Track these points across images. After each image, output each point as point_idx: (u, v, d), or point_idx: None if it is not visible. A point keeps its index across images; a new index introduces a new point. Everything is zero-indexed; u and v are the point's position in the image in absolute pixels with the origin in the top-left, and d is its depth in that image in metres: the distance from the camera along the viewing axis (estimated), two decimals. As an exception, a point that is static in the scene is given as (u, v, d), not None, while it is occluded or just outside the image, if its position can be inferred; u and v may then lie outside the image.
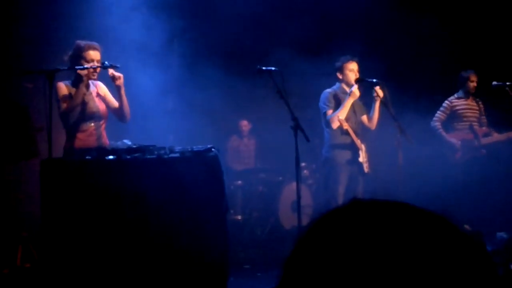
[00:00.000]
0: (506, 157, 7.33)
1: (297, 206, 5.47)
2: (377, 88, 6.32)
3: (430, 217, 0.82)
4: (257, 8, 7.74)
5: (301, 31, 7.64)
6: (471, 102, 7.65)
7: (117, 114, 5.49)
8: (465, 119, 7.58)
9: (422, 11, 8.13)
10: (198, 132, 7.33)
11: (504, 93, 7.21)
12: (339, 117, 6.33)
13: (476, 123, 7.59)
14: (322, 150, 6.69)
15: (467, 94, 7.64)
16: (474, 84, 7.59)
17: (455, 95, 7.69)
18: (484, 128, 7.61)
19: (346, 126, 6.36)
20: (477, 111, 7.65)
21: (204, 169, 4.78)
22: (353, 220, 0.82)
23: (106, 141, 5.39)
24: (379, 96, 6.34)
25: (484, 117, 7.67)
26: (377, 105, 6.50)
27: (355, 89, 6.33)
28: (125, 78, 5.28)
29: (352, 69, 6.47)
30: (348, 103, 6.36)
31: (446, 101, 7.67)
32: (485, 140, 7.53)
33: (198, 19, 7.64)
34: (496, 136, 7.55)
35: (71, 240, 4.42)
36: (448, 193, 7.06)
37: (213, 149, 4.85)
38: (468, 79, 7.59)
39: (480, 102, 7.69)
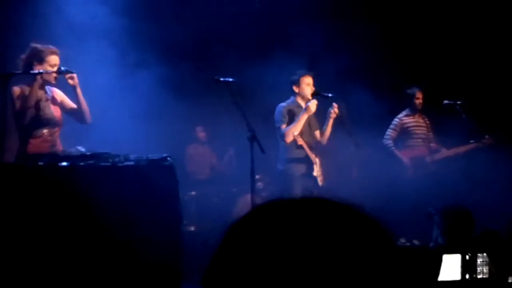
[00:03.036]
0: (455, 172, 7.50)
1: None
2: (335, 106, 6.42)
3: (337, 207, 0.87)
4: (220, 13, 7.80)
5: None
6: (419, 119, 7.76)
7: (76, 116, 5.43)
8: (415, 136, 7.70)
9: (368, 29, 8.27)
10: (154, 140, 7.27)
11: (452, 110, 7.41)
12: (294, 132, 6.37)
13: (425, 140, 7.72)
14: (276, 163, 6.72)
15: (415, 111, 7.75)
16: (420, 101, 7.71)
17: (404, 112, 7.78)
18: (432, 144, 7.74)
19: (300, 141, 6.42)
20: (425, 128, 7.77)
21: (158, 178, 4.75)
22: (263, 220, 0.86)
23: (60, 148, 5.32)
24: (335, 113, 6.43)
25: (431, 133, 7.80)
26: (330, 121, 6.58)
27: (312, 104, 6.37)
28: (81, 82, 5.24)
29: (308, 83, 6.53)
30: (302, 118, 6.40)
31: (396, 119, 7.75)
32: (435, 157, 7.67)
33: (155, 22, 7.59)
34: (445, 152, 7.71)
35: (21, 247, 4.33)
36: (398, 207, 7.16)
37: (168, 158, 4.84)
38: (414, 96, 7.70)
39: (426, 119, 7.80)
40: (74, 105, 5.42)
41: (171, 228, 4.81)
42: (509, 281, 3.73)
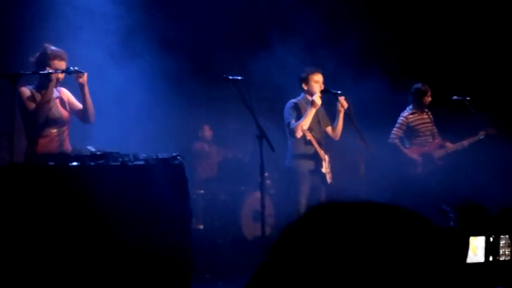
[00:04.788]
0: (464, 165, 7.50)
1: (261, 215, 5.48)
2: (342, 98, 6.42)
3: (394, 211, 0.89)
4: (225, 14, 7.79)
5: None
6: (423, 115, 7.66)
7: (80, 115, 5.43)
8: (420, 133, 7.62)
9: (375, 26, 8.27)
10: (160, 138, 7.28)
11: (461, 106, 7.39)
12: (303, 127, 6.37)
13: (430, 136, 7.67)
14: (285, 160, 6.71)
15: (422, 108, 7.64)
16: (429, 98, 7.60)
17: (408, 110, 7.66)
18: (437, 140, 7.70)
19: (309, 136, 6.41)
20: (429, 124, 7.68)
21: (168, 177, 4.76)
22: (331, 218, 0.86)
23: (68, 147, 5.33)
24: (343, 107, 6.43)
25: (435, 128, 7.74)
26: (341, 115, 6.57)
27: (316, 97, 6.35)
28: (90, 81, 5.25)
29: (317, 81, 6.52)
30: (310, 112, 6.39)
31: (401, 117, 7.64)
32: (440, 152, 7.64)
33: (159, 20, 7.58)
34: (450, 147, 7.67)
35: (33, 247, 4.34)
36: (407, 203, 7.14)
37: (178, 157, 4.84)
38: (425, 93, 7.58)
39: (430, 113, 7.72)
40: (79, 105, 5.42)
41: (180, 227, 4.82)
42: None
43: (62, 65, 5.21)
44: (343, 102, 6.42)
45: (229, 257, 7.57)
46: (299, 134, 6.39)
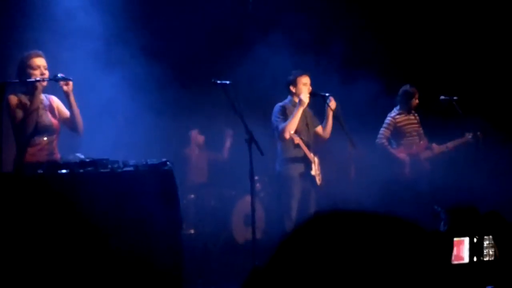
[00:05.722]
0: (452, 165, 7.55)
1: (252, 220, 5.48)
2: (331, 99, 6.47)
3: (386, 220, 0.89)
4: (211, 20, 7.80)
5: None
6: (410, 117, 7.70)
7: (69, 124, 5.41)
8: (407, 134, 7.65)
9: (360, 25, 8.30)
10: (149, 145, 7.27)
11: (448, 106, 7.44)
12: (291, 129, 6.38)
13: (417, 137, 7.70)
14: (275, 164, 6.72)
15: (409, 110, 7.68)
16: (417, 101, 7.64)
17: (395, 110, 7.70)
18: (423, 142, 7.73)
19: (297, 140, 6.43)
20: (416, 125, 7.72)
21: (158, 183, 4.75)
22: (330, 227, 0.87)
23: (57, 156, 5.30)
24: (332, 108, 6.46)
25: (421, 129, 7.77)
26: (330, 114, 6.61)
27: (304, 96, 6.38)
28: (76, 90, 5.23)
29: (305, 83, 6.55)
30: (298, 112, 6.40)
31: (388, 117, 7.68)
32: (427, 153, 7.68)
33: (143, 28, 7.57)
34: (436, 149, 7.71)
35: (22, 256, 4.32)
36: (397, 205, 7.17)
37: (167, 163, 4.84)
38: (413, 95, 7.62)
39: (416, 115, 7.76)
40: (68, 113, 5.41)
41: (171, 233, 4.82)
42: None
43: (42, 61, 5.21)
44: (332, 102, 6.47)
45: (220, 262, 7.57)
46: (287, 135, 6.40)
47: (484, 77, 8.70)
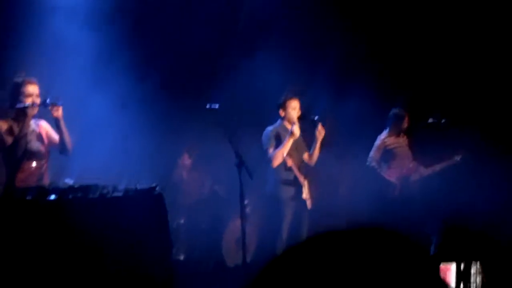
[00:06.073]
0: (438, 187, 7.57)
1: (242, 243, 5.46)
2: (320, 126, 6.45)
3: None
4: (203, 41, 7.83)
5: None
6: (399, 139, 7.74)
7: (58, 147, 5.41)
8: (397, 156, 7.68)
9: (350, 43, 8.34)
10: (140, 166, 7.24)
11: (437, 128, 7.48)
12: (280, 160, 6.38)
13: (406, 159, 7.73)
14: (265, 186, 6.70)
15: (399, 132, 7.72)
16: (407, 124, 7.70)
17: (385, 133, 7.74)
18: (411, 164, 7.76)
19: (290, 163, 6.42)
20: (405, 147, 7.77)
21: (148, 208, 4.74)
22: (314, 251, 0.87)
23: (47, 181, 5.29)
24: (321, 134, 6.46)
25: (410, 151, 7.81)
26: (318, 143, 6.59)
27: (295, 128, 6.37)
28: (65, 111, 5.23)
29: (294, 107, 6.52)
30: (288, 142, 6.39)
31: (378, 140, 7.71)
32: (416, 175, 7.71)
33: (133, 48, 7.58)
34: (423, 171, 7.75)
35: (9, 281, 4.28)
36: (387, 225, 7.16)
37: (157, 188, 4.82)
38: (403, 118, 7.68)
39: (405, 137, 7.80)
40: (57, 137, 5.41)
41: (161, 258, 4.79)
42: None
43: (35, 89, 5.20)
44: (321, 130, 6.46)
45: (211, 286, 7.52)
46: (277, 162, 6.39)
47: (476, 95, 8.72)
